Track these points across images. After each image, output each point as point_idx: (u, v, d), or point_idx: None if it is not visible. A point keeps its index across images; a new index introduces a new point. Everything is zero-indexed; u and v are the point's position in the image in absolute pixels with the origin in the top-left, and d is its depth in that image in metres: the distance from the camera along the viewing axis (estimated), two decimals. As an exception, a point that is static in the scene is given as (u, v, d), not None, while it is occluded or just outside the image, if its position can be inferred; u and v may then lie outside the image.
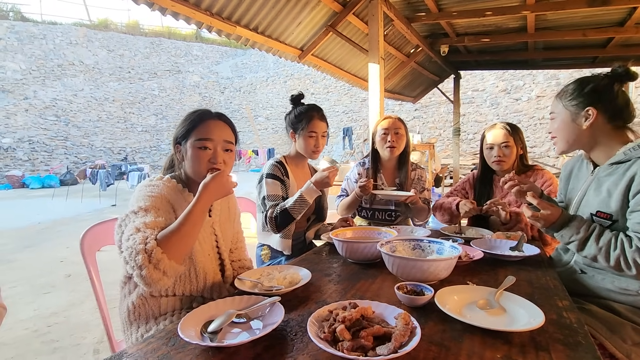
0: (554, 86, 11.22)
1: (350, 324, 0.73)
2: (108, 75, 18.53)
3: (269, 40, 3.29)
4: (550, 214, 1.09)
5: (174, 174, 1.19)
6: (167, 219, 1.00)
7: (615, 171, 1.10)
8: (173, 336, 0.77)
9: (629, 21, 3.85)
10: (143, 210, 0.98)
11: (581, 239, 1.06)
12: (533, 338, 0.75)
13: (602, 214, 1.10)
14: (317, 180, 1.56)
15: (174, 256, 0.90)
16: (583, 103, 1.13)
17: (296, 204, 1.56)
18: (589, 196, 1.17)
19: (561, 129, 1.19)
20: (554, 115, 1.22)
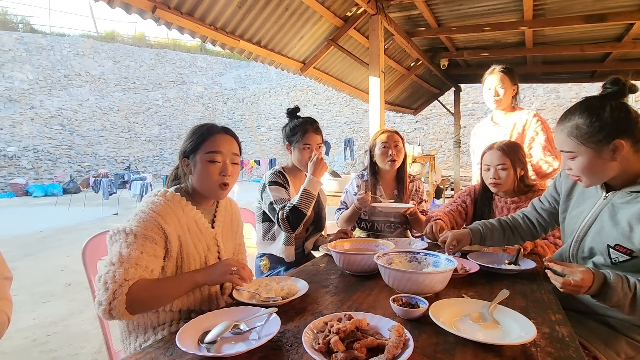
0: (553, 99, 11.30)
1: (345, 336, 0.74)
2: (113, 86, 18.83)
3: (272, 54, 3.36)
4: (582, 279, 0.95)
5: (178, 186, 1.20)
6: (151, 249, 1.01)
7: (634, 200, 1.02)
8: (171, 346, 0.79)
9: (626, 37, 3.91)
10: (133, 236, 0.99)
11: (628, 302, 0.95)
12: (525, 351, 0.76)
13: (621, 248, 1.02)
14: (312, 170, 1.65)
15: (134, 310, 0.96)
16: (608, 136, 0.99)
17: (302, 199, 1.60)
18: (604, 224, 1.08)
19: (587, 168, 1.04)
20: (571, 155, 1.06)
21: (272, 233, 1.80)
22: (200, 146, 1.14)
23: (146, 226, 1.02)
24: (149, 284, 0.98)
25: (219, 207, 1.28)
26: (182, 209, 1.12)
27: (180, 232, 1.09)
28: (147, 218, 1.03)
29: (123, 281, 0.92)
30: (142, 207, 1.07)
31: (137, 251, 0.98)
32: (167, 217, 1.06)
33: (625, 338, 1.06)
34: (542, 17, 3.59)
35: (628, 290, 0.94)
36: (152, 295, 0.98)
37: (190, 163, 1.16)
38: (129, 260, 0.96)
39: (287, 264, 1.77)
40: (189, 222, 1.13)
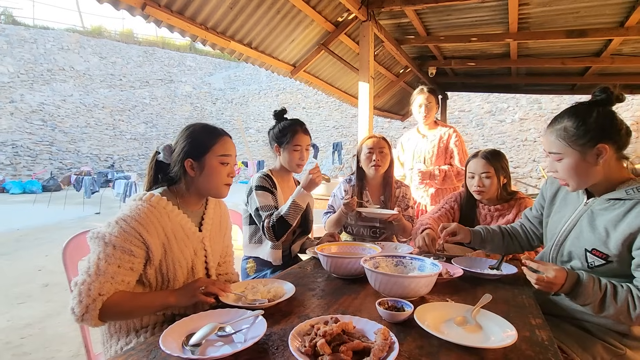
0: (536, 110, 11.63)
1: (331, 339, 0.74)
2: (99, 82, 18.42)
3: (262, 56, 3.36)
4: (555, 276, 1.00)
5: (164, 189, 1.16)
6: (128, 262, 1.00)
7: (612, 207, 1.05)
8: (154, 348, 0.78)
9: (605, 52, 4.07)
10: (112, 247, 0.98)
11: (597, 302, 0.99)
12: (506, 355, 0.78)
13: (598, 253, 1.06)
14: (305, 183, 1.63)
15: (105, 321, 0.98)
16: (593, 140, 1.03)
17: (290, 210, 1.60)
18: (583, 229, 1.12)
19: (572, 170, 1.08)
20: (558, 157, 1.10)
21: (258, 236, 1.79)
22: (211, 148, 1.14)
23: (126, 238, 1.00)
24: (123, 300, 0.98)
25: (207, 209, 1.27)
26: (167, 215, 1.10)
27: (164, 240, 1.08)
28: (127, 229, 1.00)
29: (97, 295, 0.93)
30: (124, 213, 1.04)
31: (114, 265, 0.97)
32: (150, 227, 1.04)
33: (601, 342, 1.10)
34: (526, 30, 3.70)
35: (599, 291, 0.99)
36: (124, 311, 1.00)
37: (195, 164, 1.14)
38: (105, 274, 0.96)
39: (274, 267, 1.76)
40: (174, 228, 1.11)
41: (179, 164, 1.14)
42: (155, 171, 1.20)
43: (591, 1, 3.06)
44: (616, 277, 1.04)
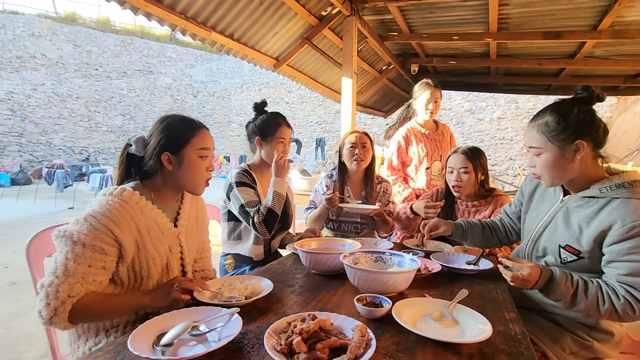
0: (513, 109, 11.97)
1: (308, 336, 0.73)
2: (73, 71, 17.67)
3: (244, 48, 3.28)
4: (529, 273, 1.02)
5: (137, 183, 1.11)
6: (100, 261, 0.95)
7: (586, 205, 1.08)
8: (123, 349, 0.74)
9: (579, 54, 4.21)
10: (81, 246, 0.93)
11: (569, 297, 1.02)
12: (481, 349, 0.79)
13: (570, 249, 1.09)
14: (276, 171, 1.64)
15: (76, 323, 0.94)
16: (572, 136, 1.05)
17: (275, 201, 1.60)
18: (558, 226, 1.15)
19: (550, 165, 1.10)
20: (537, 151, 1.12)
21: (238, 232, 1.75)
22: (190, 141, 1.10)
23: (96, 235, 0.94)
24: (94, 302, 0.94)
25: (183, 203, 1.23)
26: (140, 211, 1.05)
27: (137, 236, 1.03)
28: (98, 226, 0.95)
29: (67, 297, 0.89)
30: (94, 209, 0.98)
31: (84, 265, 0.92)
32: (122, 223, 0.99)
33: (570, 334, 1.14)
34: (505, 30, 3.78)
35: (571, 287, 1.02)
36: (95, 313, 0.96)
37: (173, 158, 1.09)
38: (74, 275, 0.91)
39: (253, 263, 1.73)
40: (148, 224, 1.06)
41: (155, 158, 1.09)
42: (127, 165, 1.14)
43: (567, 4, 3.15)
44: (587, 273, 1.07)
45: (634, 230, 0.96)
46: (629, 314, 0.96)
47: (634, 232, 0.96)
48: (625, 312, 0.96)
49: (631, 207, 0.98)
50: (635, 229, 0.95)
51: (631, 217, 0.97)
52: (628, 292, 0.97)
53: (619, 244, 0.98)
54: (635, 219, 0.96)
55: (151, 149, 1.10)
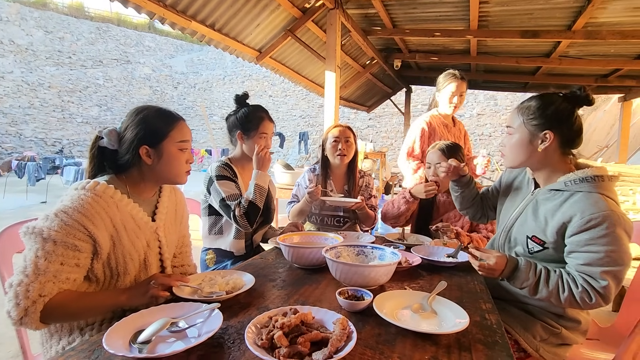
0: (492, 106, 12.27)
1: (289, 330, 0.73)
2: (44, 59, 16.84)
3: (226, 39, 3.22)
4: (495, 262, 1.08)
5: (111, 176, 1.07)
6: (73, 258, 0.91)
7: (552, 198, 1.12)
8: (97, 348, 0.72)
9: (554, 53, 4.35)
10: (52, 243, 0.89)
11: (532, 285, 1.07)
12: (458, 339, 0.81)
13: (536, 239, 1.14)
14: (257, 164, 1.62)
15: (48, 323, 0.91)
16: (543, 125, 1.11)
17: (256, 194, 1.58)
18: (527, 217, 1.19)
19: (516, 147, 1.17)
20: (511, 131, 1.19)
21: (219, 227, 1.73)
22: (169, 133, 1.07)
23: (68, 232, 0.90)
24: (68, 301, 0.90)
25: (161, 197, 1.20)
26: (115, 205, 1.01)
27: (112, 231, 0.99)
28: (70, 222, 0.91)
29: (37, 297, 0.85)
30: (65, 204, 0.93)
31: (56, 263, 0.88)
32: (95, 218, 0.95)
33: (540, 322, 1.19)
34: (485, 28, 3.86)
35: (534, 275, 1.07)
36: (69, 312, 0.92)
37: (152, 151, 1.06)
38: (46, 273, 0.87)
39: (235, 258, 1.72)
40: (124, 219, 1.03)
41: (133, 152, 1.05)
42: (99, 158, 1.10)
43: (544, 4, 3.24)
44: (553, 263, 1.13)
45: (591, 223, 1.00)
46: (586, 302, 1.01)
47: (591, 224, 1.00)
48: (583, 300, 1.01)
49: (591, 201, 1.03)
50: (593, 221, 1.00)
51: (590, 210, 1.02)
52: (586, 281, 1.02)
53: (578, 235, 1.03)
54: (593, 212, 1.01)
55: (128, 142, 1.06)
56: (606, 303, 1.02)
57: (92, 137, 1.10)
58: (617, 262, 0.99)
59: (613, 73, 5.05)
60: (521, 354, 1.18)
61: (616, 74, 5.05)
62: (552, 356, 1.17)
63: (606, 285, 0.99)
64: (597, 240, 1.00)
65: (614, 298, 2.75)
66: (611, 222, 0.99)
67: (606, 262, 1.00)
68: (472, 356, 0.74)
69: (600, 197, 1.04)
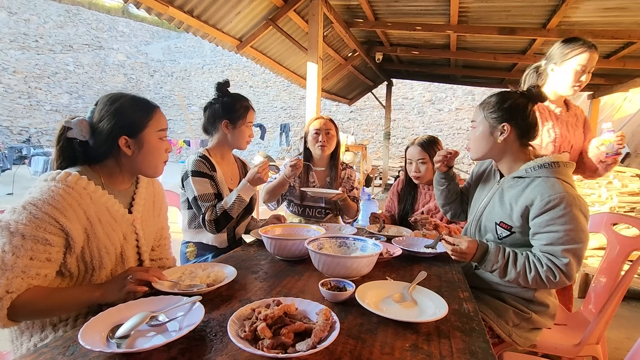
0: (470, 101, 12.56)
1: (272, 322, 0.73)
2: (8, 42, 15.79)
3: (205, 26, 3.12)
4: (467, 247, 1.15)
5: (84, 167, 1.03)
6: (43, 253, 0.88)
7: (516, 185, 1.20)
8: (72, 344, 0.70)
9: (529, 50, 4.49)
10: (20, 237, 0.84)
11: (501, 267, 1.14)
12: (437, 327, 0.84)
13: (504, 225, 1.21)
14: (250, 178, 1.54)
15: (18, 320, 0.88)
16: (501, 118, 1.21)
17: (235, 205, 1.52)
18: (495, 205, 1.26)
19: (479, 139, 1.27)
20: (474, 125, 1.29)
21: (199, 221, 1.69)
22: (148, 123, 1.04)
23: (38, 225, 0.86)
24: (38, 297, 0.86)
25: (138, 188, 1.16)
26: (89, 196, 0.97)
27: (86, 224, 0.95)
28: (39, 214, 0.87)
29: (5, 293, 0.81)
30: (34, 196, 0.89)
31: (24, 257, 0.84)
32: (67, 210, 0.90)
33: (512, 308, 1.25)
34: (465, 23, 3.92)
35: (502, 258, 1.15)
36: (39, 309, 0.88)
37: (132, 142, 1.02)
38: (13, 269, 0.83)
39: (217, 251, 1.69)
40: (98, 211, 0.99)
41: (111, 142, 1.01)
42: (69, 150, 1.03)
43: (521, 2, 3.32)
44: (521, 247, 1.20)
45: (550, 204, 1.08)
46: (551, 280, 1.09)
47: (549, 205, 1.08)
48: (548, 278, 1.09)
49: (549, 184, 1.12)
50: (551, 202, 1.08)
51: (548, 192, 1.10)
52: (550, 260, 1.09)
53: (539, 217, 1.11)
54: (551, 194, 1.09)
55: (105, 133, 1.00)
56: (569, 280, 1.10)
57: (59, 126, 1.02)
58: (576, 240, 1.07)
59: (583, 71, 5.26)
60: (495, 340, 1.24)
61: (586, 72, 5.27)
62: (524, 340, 1.23)
63: (567, 262, 1.07)
64: (556, 220, 1.08)
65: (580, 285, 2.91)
66: (567, 202, 1.07)
67: (566, 240, 1.07)
68: (450, 343, 0.77)
69: (557, 181, 1.12)
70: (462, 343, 0.77)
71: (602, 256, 1.66)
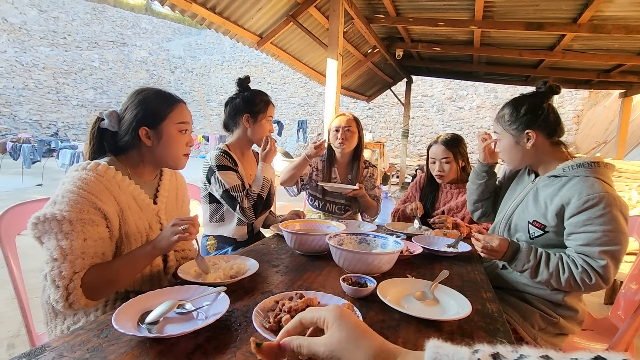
0: (492, 99, 12.24)
1: (296, 314, 0.74)
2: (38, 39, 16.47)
3: (227, 23, 3.16)
4: (498, 244, 1.13)
5: (111, 158, 1.07)
6: (94, 233, 0.92)
7: (552, 184, 1.18)
8: (106, 327, 0.73)
9: (558, 47, 4.32)
10: (68, 223, 0.89)
11: (533, 267, 1.11)
12: (460, 326, 0.82)
13: (537, 224, 1.18)
14: (263, 156, 1.63)
15: (95, 297, 0.91)
16: (522, 126, 1.19)
17: (264, 187, 1.61)
18: (529, 204, 1.24)
19: (507, 151, 1.26)
20: (498, 137, 1.28)
21: (220, 214, 1.73)
22: (168, 115, 1.07)
23: (80, 209, 0.90)
24: (101, 271, 0.91)
25: (162, 180, 1.19)
26: (117, 185, 1.01)
27: (118, 210, 1.00)
28: (78, 199, 0.91)
29: (72, 274, 0.86)
30: (68, 186, 0.93)
31: (79, 240, 0.89)
32: (102, 195, 0.95)
33: (538, 312, 1.21)
34: (490, 19, 3.81)
35: (534, 258, 1.12)
36: (107, 280, 0.92)
37: (152, 133, 1.06)
38: (72, 252, 0.88)
39: (236, 244, 1.72)
40: (127, 199, 1.03)
41: (132, 133, 1.05)
42: (99, 140, 1.09)
43: (551, -4, 3.20)
44: (554, 248, 1.16)
45: (588, 204, 1.05)
46: (586, 282, 1.04)
47: (587, 204, 1.05)
48: (583, 280, 1.05)
49: (588, 183, 1.08)
50: (589, 202, 1.04)
51: (586, 191, 1.06)
52: (585, 262, 1.05)
53: (576, 216, 1.07)
54: (589, 194, 1.05)
55: (127, 123, 1.05)
56: (605, 284, 1.05)
57: (93, 118, 1.09)
58: (615, 242, 1.03)
59: (616, 68, 5.03)
60: (519, 343, 1.21)
61: (618, 70, 5.04)
62: (549, 345, 1.20)
63: (605, 265, 1.03)
64: (594, 220, 1.04)
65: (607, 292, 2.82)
66: (607, 202, 1.03)
67: (604, 241, 1.03)
68: (474, 342, 0.76)
69: (597, 180, 1.08)
70: (486, 343, 0.76)
71: (634, 261, 1.59)
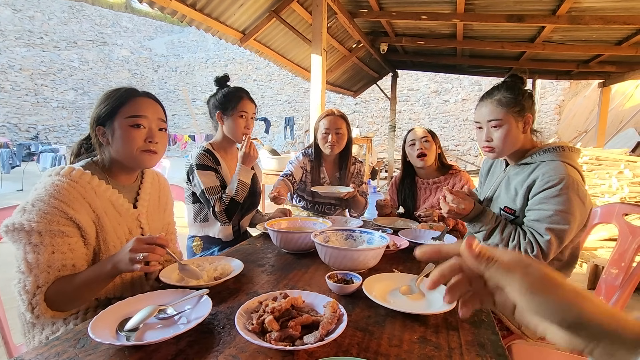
0: (477, 91, 12.37)
1: (280, 315, 0.73)
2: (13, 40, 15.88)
3: (208, 19, 3.10)
4: (464, 208, 1.21)
5: (87, 161, 1.04)
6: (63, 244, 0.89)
7: (522, 171, 1.22)
8: (83, 337, 0.70)
9: (538, 38, 4.39)
10: (37, 234, 0.86)
11: (488, 230, 1.21)
12: (446, 319, 0.83)
13: (508, 210, 1.24)
14: (242, 159, 1.58)
15: (62, 310, 0.90)
16: (524, 110, 1.19)
17: (239, 190, 1.56)
18: (501, 192, 1.29)
19: (507, 136, 1.19)
20: (497, 123, 1.20)
21: (204, 214, 1.70)
22: (118, 110, 1.01)
23: (50, 220, 0.87)
24: (64, 286, 0.88)
25: (143, 182, 1.16)
26: (93, 190, 0.97)
27: (94, 217, 0.96)
28: (48, 210, 0.87)
29: (36, 289, 0.85)
30: (39, 193, 0.89)
31: (46, 253, 0.86)
32: (74, 204, 0.91)
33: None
34: (472, 12, 3.84)
35: (493, 222, 1.21)
36: (70, 295, 0.89)
37: (107, 131, 1.02)
38: (38, 266, 0.85)
39: (223, 244, 1.70)
40: (104, 205, 0.99)
41: (94, 134, 1.03)
42: (82, 147, 1.08)
43: (530, -12, 3.24)
44: None
45: (549, 184, 1.10)
46: (528, 253, 1.12)
47: (548, 185, 1.11)
48: (526, 250, 1.12)
49: (552, 166, 1.13)
50: (550, 182, 1.10)
51: (549, 173, 1.11)
52: (532, 235, 1.13)
53: (537, 195, 1.13)
54: (551, 175, 1.11)
55: (89, 125, 1.04)
56: (544, 259, 1.12)
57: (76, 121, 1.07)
58: (563, 222, 1.09)
59: (594, 59, 5.14)
60: (504, 332, 1.23)
61: (597, 60, 5.15)
62: (534, 332, 1.22)
63: (548, 240, 1.09)
64: (549, 199, 1.10)
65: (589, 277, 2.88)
66: (565, 184, 1.08)
67: (553, 220, 1.09)
68: (459, 335, 0.76)
69: (561, 163, 1.13)
70: (471, 335, 0.76)
71: (613, 247, 1.63)
